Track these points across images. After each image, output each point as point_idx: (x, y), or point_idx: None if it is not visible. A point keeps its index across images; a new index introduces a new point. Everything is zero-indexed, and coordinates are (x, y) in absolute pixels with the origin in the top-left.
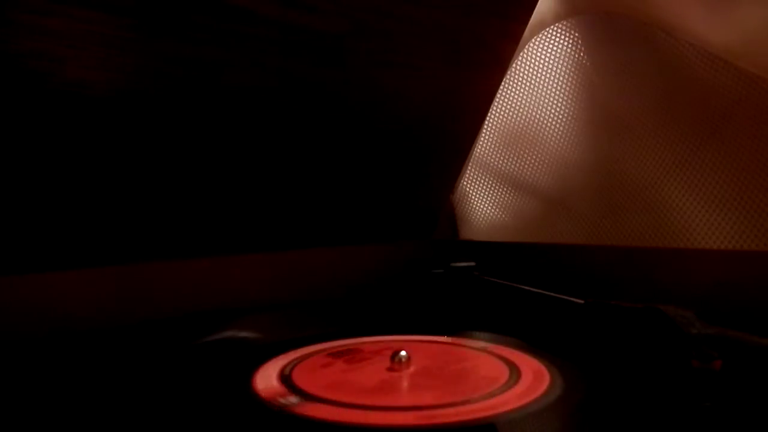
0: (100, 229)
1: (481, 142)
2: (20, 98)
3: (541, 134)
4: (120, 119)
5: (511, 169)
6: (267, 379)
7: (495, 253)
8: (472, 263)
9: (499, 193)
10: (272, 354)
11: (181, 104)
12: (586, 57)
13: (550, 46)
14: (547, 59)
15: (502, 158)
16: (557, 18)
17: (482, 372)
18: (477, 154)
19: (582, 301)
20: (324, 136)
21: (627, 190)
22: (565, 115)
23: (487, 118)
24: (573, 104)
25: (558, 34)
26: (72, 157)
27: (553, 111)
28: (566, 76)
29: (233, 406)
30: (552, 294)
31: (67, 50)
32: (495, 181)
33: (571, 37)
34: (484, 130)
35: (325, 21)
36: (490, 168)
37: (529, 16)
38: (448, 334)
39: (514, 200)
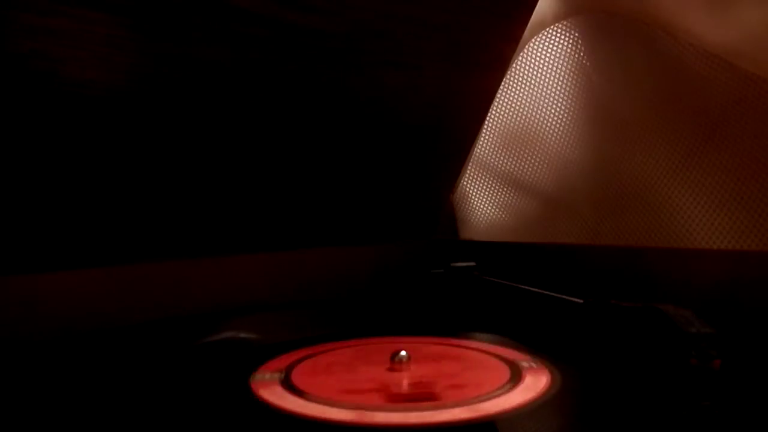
0: (100, 229)
1: (481, 142)
2: (20, 98)
3: (541, 134)
4: (120, 119)
5: (511, 169)
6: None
7: (495, 253)
8: (472, 263)
9: (499, 193)
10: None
11: (181, 104)
12: (586, 57)
13: (550, 46)
14: (547, 59)
15: (502, 158)
16: (557, 18)
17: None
18: (477, 154)
19: (582, 301)
20: (323, 137)
21: (627, 190)
22: (565, 115)
23: (487, 118)
24: (573, 104)
25: (558, 34)
26: (72, 157)
27: (553, 111)
28: (566, 76)
29: (232, 406)
30: (552, 294)
31: (67, 50)
32: (495, 181)
33: (571, 37)
34: (484, 130)
35: (325, 21)
36: (490, 168)
37: (529, 16)
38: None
39: (514, 200)
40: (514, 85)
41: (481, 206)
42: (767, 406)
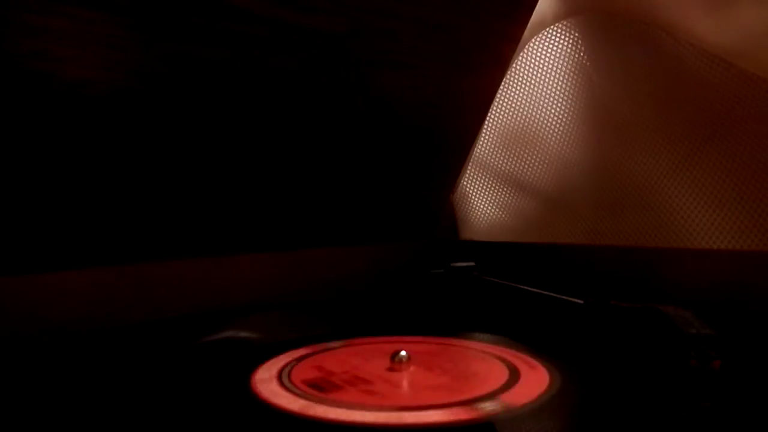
0: (100, 229)
1: (481, 142)
2: (20, 98)
3: (541, 134)
4: (120, 119)
5: (511, 169)
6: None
7: (495, 253)
8: (472, 263)
9: (499, 193)
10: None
11: (181, 104)
12: (586, 57)
13: (550, 46)
14: (547, 59)
15: (502, 158)
16: (557, 18)
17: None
18: (477, 154)
19: (582, 301)
20: (323, 137)
21: (627, 190)
22: (565, 115)
23: (487, 118)
24: (573, 104)
25: (558, 34)
26: (72, 157)
27: (553, 111)
28: (566, 76)
29: (232, 406)
30: (552, 294)
31: (67, 50)
32: (495, 181)
33: (571, 37)
34: (484, 130)
35: (325, 21)
36: (490, 168)
37: (529, 16)
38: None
39: (514, 200)
40: (514, 85)
41: (481, 206)
42: (767, 406)
